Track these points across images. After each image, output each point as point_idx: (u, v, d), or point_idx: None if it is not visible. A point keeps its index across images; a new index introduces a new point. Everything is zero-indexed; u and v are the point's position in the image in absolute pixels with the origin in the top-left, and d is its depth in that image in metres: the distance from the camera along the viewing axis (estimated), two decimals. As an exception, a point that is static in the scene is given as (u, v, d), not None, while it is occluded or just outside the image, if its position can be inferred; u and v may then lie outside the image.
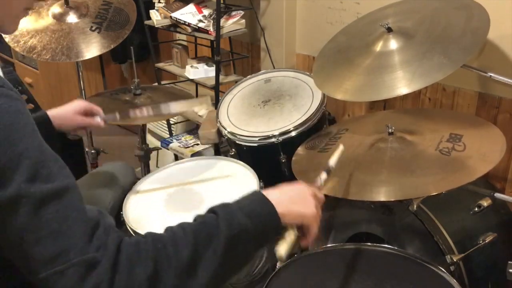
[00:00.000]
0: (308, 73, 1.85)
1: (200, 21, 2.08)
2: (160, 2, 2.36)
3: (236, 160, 1.59)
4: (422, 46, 1.32)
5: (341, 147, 1.16)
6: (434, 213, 1.28)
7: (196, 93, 2.59)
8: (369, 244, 1.21)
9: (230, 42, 2.44)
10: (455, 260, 1.20)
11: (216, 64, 2.08)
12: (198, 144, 2.28)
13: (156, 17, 2.24)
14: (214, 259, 0.74)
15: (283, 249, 0.82)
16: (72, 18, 1.85)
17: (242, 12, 2.11)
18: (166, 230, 0.77)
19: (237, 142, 1.70)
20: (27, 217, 0.66)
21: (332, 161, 1.10)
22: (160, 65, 2.45)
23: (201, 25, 2.06)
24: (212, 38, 2.04)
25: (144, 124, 2.27)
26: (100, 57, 3.34)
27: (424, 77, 1.24)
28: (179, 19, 2.11)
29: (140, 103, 1.76)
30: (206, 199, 1.40)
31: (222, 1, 2.19)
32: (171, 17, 2.15)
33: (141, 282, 0.68)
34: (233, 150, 1.76)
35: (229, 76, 2.25)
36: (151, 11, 2.29)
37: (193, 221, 0.79)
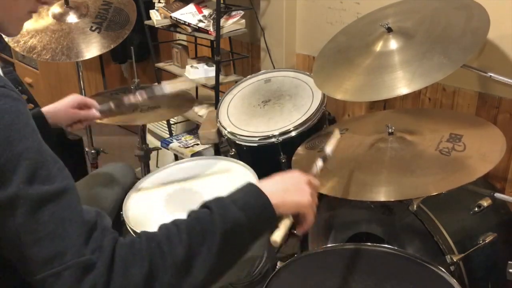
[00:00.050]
0: (308, 73, 1.85)
1: (200, 21, 2.08)
2: (160, 2, 2.36)
3: (236, 160, 1.59)
4: (422, 46, 1.32)
5: (337, 134, 1.14)
6: (434, 213, 1.28)
7: (196, 93, 2.59)
8: (369, 244, 1.21)
9: (230, 42, 2.44)
10: (455, 260, 1.20)
11: (216, 64, 2.08)
12: (198, 144, 2.28)
13: (156, 17, 2.24)
14: (210, 255, 0.73)
15: (278, 235, 0.82)
16: (72, 18, 1.85)
17: (242, 12, 2.11)
18: (160, 228, 0.76)
19: (237, 142, 1.70)
20: (25, 218, 0.66)
21: (329, 148, 1.08)
22: (160, 65, 2.45)
23: (201, 25, 2.06)
24: (212, 38, 2.04)
25: (144, 124, 2.27)
26: (100, 57, 3.34)
27: (424, 77, 1.24)
28: (179, 19, 2.11)
29: (140, 104, 1.76)
30: (206, 199, 1.39)
31: (222, 1, 2.19)
32: (171, 17, 2.15)
33: (137, 282, 0.68)
34: (233, 150, 1.76)
35: (229, 76, 2.25)
36: (151, 11, 2.29)
37: (187, 217, 0.78)
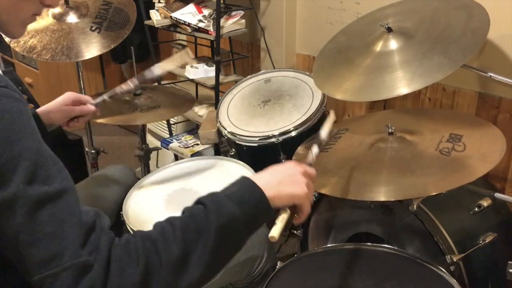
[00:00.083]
0: (308, 73, 1.85)
1: (200, 21, 2.08)
2: (160, 2, 2.36)
3: (236, 160, 1.59)
4: (422, 46, 1.32)
5: (332, 116, 1.11)
6: (434, 213, 1.28)
7: (196, 93, 2.59)
8: (369, 244, 1.21)
9: (230, 42, 2.44)
10: (455, 260, 1.20)
11: (216, 64, 2.08)
12: (198, 144, 2.28)
13: (156, 17, 2.24)
14: (205, 251, 0.73)
15: (275, 231, 0.81)
16: (72, 18, 1.85)
17: (242, 12, 2.10)
18: (155, 227, 0.76)
19: (237, 142, 1.70)
20: (24, 219, 0.66)
21: (324, 133, 1.05)
22: (160, 65, 2.45)
23: (201, 25, 2.06)
24: (212, 38, 2.04)
25: (144, 124, 2.27)
26: (100, 57, 3.34)
27: (424, 77, 1.24)
28: (179, 19, 2.11)
29: (140, 104, 1.76)
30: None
31: (222, 1, 2.19)
32: (171, 17, 2.15)
33: (134, 282, 0.68)
34: (233, 150, 1.76)
35: (229, 76, 2.25)
36: (151, 11, 2.29)
37: (182, 214, 0.78)
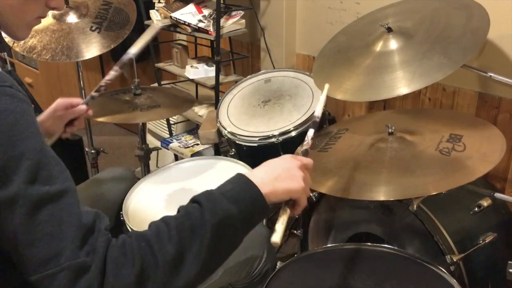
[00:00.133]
0: (308, 73, 1.85)
1: (200, 21, 2.08)
2: (160, 2, 2.36)
3: (236, 160, 1.59)
4: (422, 46, 1.32)
5: (326, 88, 1.08)
6: (434, 213, 1.28)
7: (196, 93, 2.59)
8: (369, 244, 1.21)
9: (230, 42, 2.44)
10: (455, 260, 1.20)
11: (216, 64, 2.08)
12: (198, 144, 2.28)
13: (156, 17, 2.24)
14: (201, 249, 0.73)
15: (277, 236, 0.80)
16: (72, 18, 1.85)
17: (242, 12, 2.11)
18: (150, 227, 0.76)
19: (237, 142, 1.70)
20: (23, 218, 0.66)
21: (318, 110, 1.02)
22: (160, 65, 2.45)
23: (201, 25, 2.06)
24: (212, 38, 2.04)
25: (144, 124, 2.27)
26: (100, 57, 3.34)
27: (424, 77, 1.24)
28: (179, 19, 2.11)
29: (140, 103, 1.76)
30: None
31: (222, 1, 2.19)
32: (171, 17, 2.15)
33: (129, 282, 0.68)
34: (233, 150, 1.76)
35: (229, 76, 2.25)
36: (151, 11, 2.29)
37: (177, 213, 0.78)
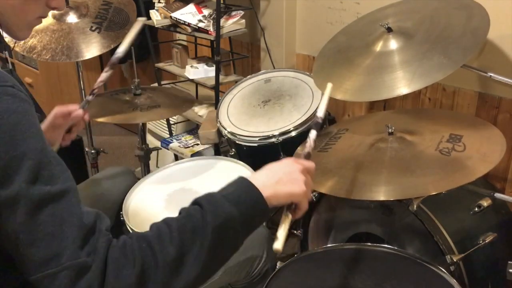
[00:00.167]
0: (308, 73, 1.85)
1: (200, 21, 2.08)
2: (160, 2, 2.36)
3: (236, 160, 1.59)
4: (422, 46, 1.32)
5: (329, 88, 1.05)
6: (434, 213, 1.28)
7: (196, 93, 2.59)
8: (369, 244, 1.21)
9: (230, 42, 2.44)
10: (455, 260, 1.20)
11: (216, 64, 2.08)
12: (198, 144, 2.28)
13: (156, 17, 2.23)
14: (202, 251, 0.73)
15: (279, 243, 0.81)
16: (72, 18, 1.85)
17: (242, 12, 2.10)
18: (151, 228, 0.76)
19: (237, 142, 1.70)
20: (25, 218, 0.66)
21: (320, 111, 1.00)
22: (160, 65, 2.45)
23: (201, 25, 2.06)
24: (212, 38, 2.04)
25: (144, 124, 2.27)
26: (100, 57, 3.34)
27: (424, 77, 1.24)
28: (179, 19, 2.11)
29: (140, 103, 1.76)
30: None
31: (222, 1, 2.19)
32: (171, 17, 2.15)
33: (130, 283, 0.68)
34: (233, 150, 1.76)
35: (229, 76, 2.25)
36: (151, 11, 2.28)
37: (178, 215, 0.78)
